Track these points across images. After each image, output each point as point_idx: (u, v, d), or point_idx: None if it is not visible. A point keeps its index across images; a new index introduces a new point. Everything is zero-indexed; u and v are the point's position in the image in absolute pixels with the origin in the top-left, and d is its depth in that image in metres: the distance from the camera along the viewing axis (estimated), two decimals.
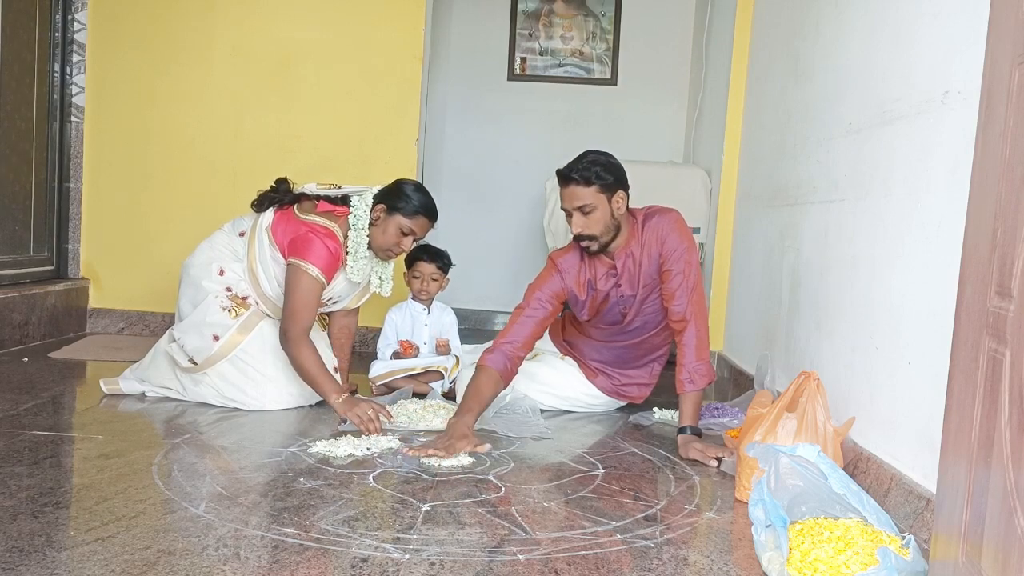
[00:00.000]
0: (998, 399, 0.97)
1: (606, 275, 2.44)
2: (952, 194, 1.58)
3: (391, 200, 2.43)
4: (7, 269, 3.26)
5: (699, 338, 2.32)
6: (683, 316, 2.33)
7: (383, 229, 2.42)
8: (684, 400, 2.27)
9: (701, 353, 2.31)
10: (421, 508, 1.64)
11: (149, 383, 2.50)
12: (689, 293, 2.34)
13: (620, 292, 2.45)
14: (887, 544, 1.38)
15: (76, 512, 1.53)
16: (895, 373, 1.80)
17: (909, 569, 1.29)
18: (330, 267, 2.39)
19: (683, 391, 2.27)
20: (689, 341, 2.31)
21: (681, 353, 2.32)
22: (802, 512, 1.50)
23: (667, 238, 2.37)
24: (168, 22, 3.62)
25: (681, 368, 2.30)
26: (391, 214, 2.42)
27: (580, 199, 2.28)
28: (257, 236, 2.48)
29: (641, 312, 2.48)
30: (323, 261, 2.36)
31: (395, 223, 2.41)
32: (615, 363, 2.63)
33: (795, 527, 1.46)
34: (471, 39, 4.73)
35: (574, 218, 2.31)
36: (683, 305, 2.34)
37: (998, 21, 1.05)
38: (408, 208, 2.41)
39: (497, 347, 2.33)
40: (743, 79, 3.42)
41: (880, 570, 1.26)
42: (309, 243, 2.36)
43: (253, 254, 2.48)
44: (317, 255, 2.35)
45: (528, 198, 4.66)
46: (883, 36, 2.00)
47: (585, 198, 2.27)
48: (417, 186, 2.49)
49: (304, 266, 2.34)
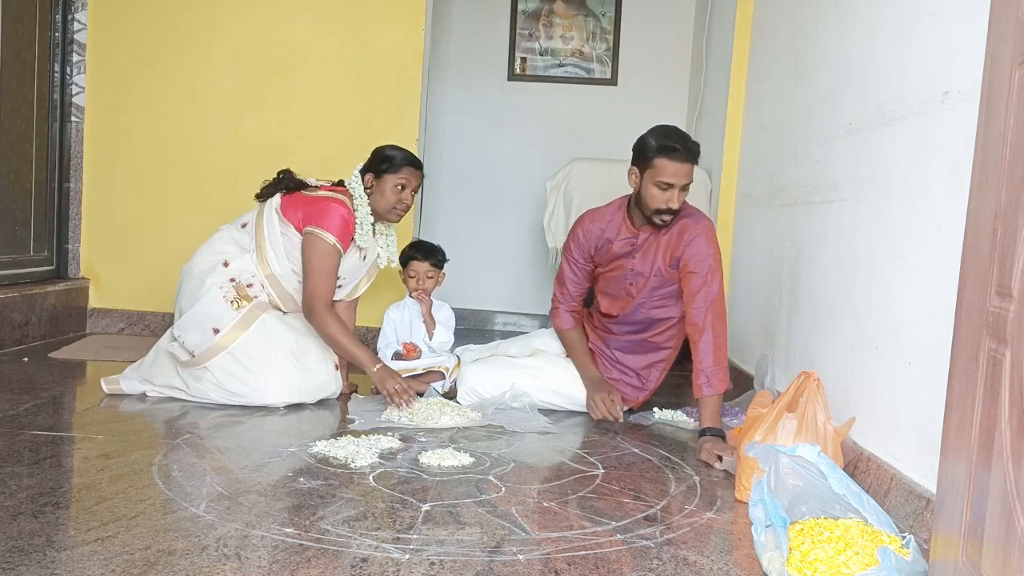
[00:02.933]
0: (998, 399, 0.97)
1: (626, 240, 2.50)
2: (952, 194, 1.58)
3: (375, 165, 2.55)
4: (7, 269, 3.26)
5: (716, 344, 2.31)
6: (701, 321, 2.33)
7: (380, 192, 2.53)
8: (703, 404, 2.26)
9: (719, 359, 2.29)
10: (421, 508, 1.64)
11: (151, 383, 2.50)
12: (711, 301, 2.34)
13: (631, 265, 2.49)
14: (887, 544, 1.38)
15: (76, 512, 1.53)
16: (895, 373, 1.80)
17: (909, 569, 1.29)
18: (344, 235, 2.48)
19: (701, 395, 2.26)
20: (706, 347, 2.30)
21: (698, 358, 2.30)
22: (802, 512, 1.50)
23: (694, 240, 2.39)
24: (168, 22, 3.62)
25: (698, 373, 2.28)
26: (380, 176, 2.53)
27: (688, 176, 2.33)
28: (266, 217, 2.53)
29: (649, 302, 2.50)
30: (338, 229, 2.46)
31: (387, 183, 2.52)
32: (617, 349, 2.62)
33: (795, 527, 1.46)
34: (471, 39, 4.73)
35: (675, 193, 2.32)
36: (703, 310, 2.33)
37: (998, 21, 1.05)
38: (392, 165, 2.52)
39: (559, 311, 2.66)
40: (743, 79, 3.42)
41: (880, 570, 1.26)
42: (325, 209, 2.47)
43: (262, 234, 2.52)
44: (332, 222, 2.46)
45: (528, 198, 4.66)
46: (883, 36, 2.00)
47: (691, 175, 2.34)
48: (393, 146, 2.60)
49: (321, 233, 2.44)
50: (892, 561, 1.27)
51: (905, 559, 1.30)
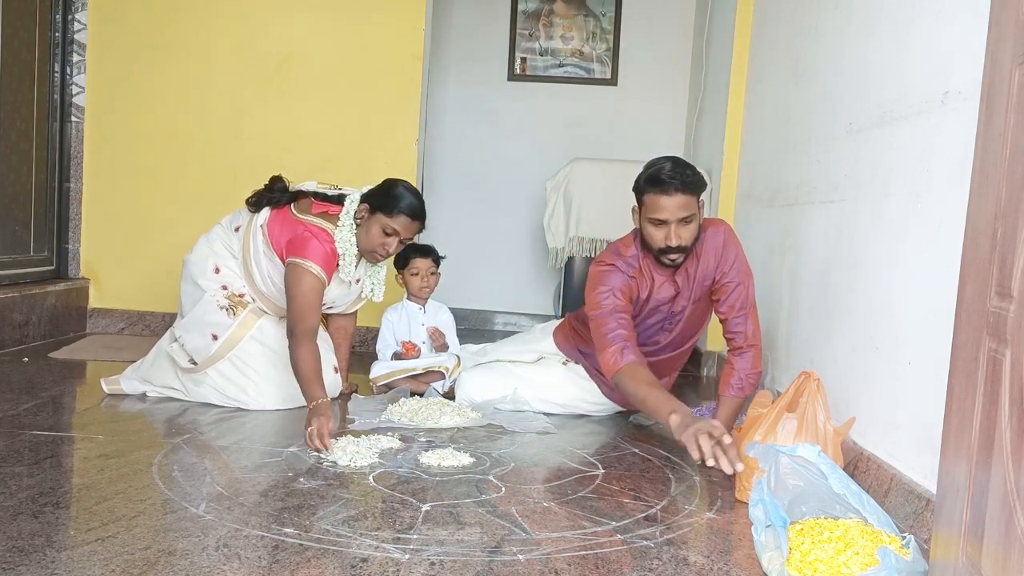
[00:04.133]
0: (998, 399, 0.97)
1: (667, 283, 2.30)
2: (952, 194, 1.58)
3: (375, 199, 2.36)
4: (7, 269, 3.26)
5: (756, 351, 2.26)
6: (743, 328, 2.24)
7: (366, 229, 2.35)
8: (725, 403, 2.22)
9: (756, 363, 2.25)
10: (421, 508, 1.64)
11: (151, 383, 2.50)
12: (750, 305, 2.26)
13: (678, 303, 2.33)
14: (887, 544, 1.38)
15: (76, 512, 1.53)
16: (895, 373, 1.80)
17: (909, 569, 1.29)
18: (328, 267, 2.35)
19: (727, 394, 2.22)
20: (747, 353, 2.24)
21: (737, 362, 2.24)
22: (802, 512, 1.50)
23: (724, 249, 2.26)
24: (168, 22, 3.62)
25: (733, 372, 2.23)
26: (373, 213, 2.34)
27: (684, 209, 2.11)
28: (252, 233, 2.46)
29: (686, 329, 2.40)
30: (321, 260, 2.32)
31: (377, 223, 2.33)
32: None
33: (795, 527, 1.46)
34: (471, 39, 4.73)
35: (675, 229, 2.12)
36: (743, 317, 2.24)
37: (998, 21, 1.05)
38: (389, 207, 2.32)
39: (618, 349, 2.13)
40: (743, 79, 3.42)
41: (880, 570, 1.27)
42: (307, 243, 2.33)
43: (248, 249, 2.47)
44: (316, 254, 2.32)
45: (528, 198, 4.65)
46: (883, 36, 2.00)
47: (689, 208, 2.12)
48: (405, 186, 2.39)
49: (305, 264, 2.30)
50: (892, 561, 1.27)
51: (905, 559, 1.30)
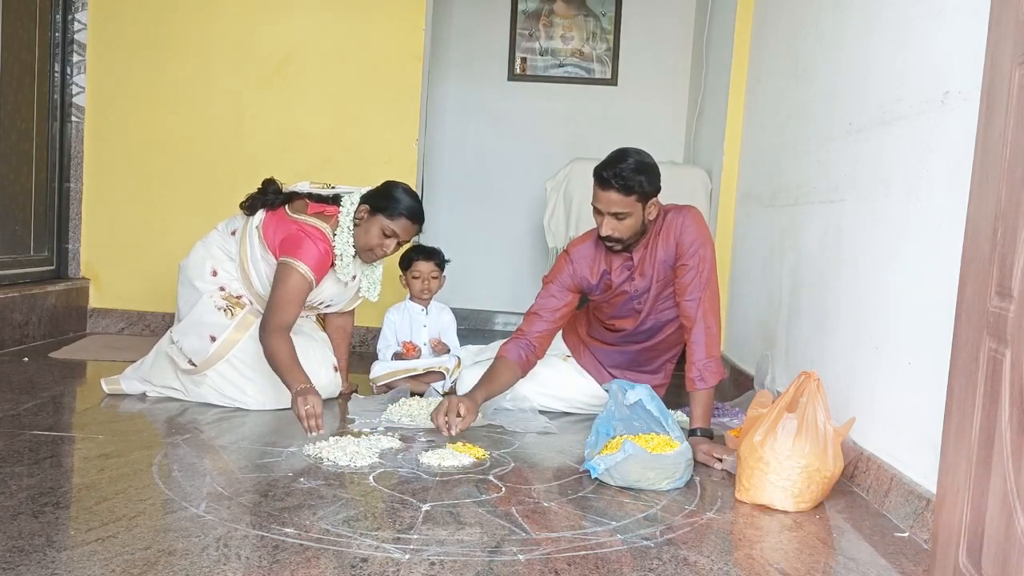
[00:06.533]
0: (998, 399, 0.97)
1: (621, 267, 2.40)
2: (952, 194, 1.58)
3: (376, 200, 2.39)
4: (7, 269, 3.26)
5: (709, 335, 2.25)
6: (693, 312, 2.28)
7: (365, 229, 2.38)
8: (694, 400, 2.21)
9: (711, 350, 2.24)
10: (421, 508, 1.64)
11: (151, 383, 2.50)
12: (702, 289, 2.28)
13: (634, 286, 2.40)
14: (673, 447, 1.88)
15: (76, 512, 1.53)
16: (895, 373, 1.80)
17: (647, 456, 1.82)
18: (320, 268, 2.36)
19: (693, 389, 2.21)
20: (699, 338, 2.25)
21: (691, 350, 2.26)
22: (621, 430, 2.00)
23: (683, 233, 2.30)
24: (168, 22, 3.62)
25: (691, 366, 2.24)
26: (374, 214, 2.38)
27: (616, 206, 2.21)
28: (248, 235, 2.46)
29: (655, 309, 2.43)
30: (314, 260, 2.33)
31: (377, 224, 2.37)
32: (631, 366, 2.57)
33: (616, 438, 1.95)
34: (471, 39, 4.73)
35: (605, 220, 2.25)
36: (695, 301, 2.28)
37: (998, 21, 1.05)
38: (390, 209, 2.36)
39: (514, 339, 2.41)
40: (743, 79, 3.42)
41: (619, 454, 1.81)
42: (300, 242, 2.34)
43: (245, 253, 2.47)
44: (308, 254, 2.33)
45: (528, 198, 4.66)
46: (883, 36, 2.00)
47: (622, 206, 2.21)
48: (405, 189, 2.43)
49: (295, 264, 2.31)
50: (630, 449, 1.81)
51: (644, 449, 1.83)
